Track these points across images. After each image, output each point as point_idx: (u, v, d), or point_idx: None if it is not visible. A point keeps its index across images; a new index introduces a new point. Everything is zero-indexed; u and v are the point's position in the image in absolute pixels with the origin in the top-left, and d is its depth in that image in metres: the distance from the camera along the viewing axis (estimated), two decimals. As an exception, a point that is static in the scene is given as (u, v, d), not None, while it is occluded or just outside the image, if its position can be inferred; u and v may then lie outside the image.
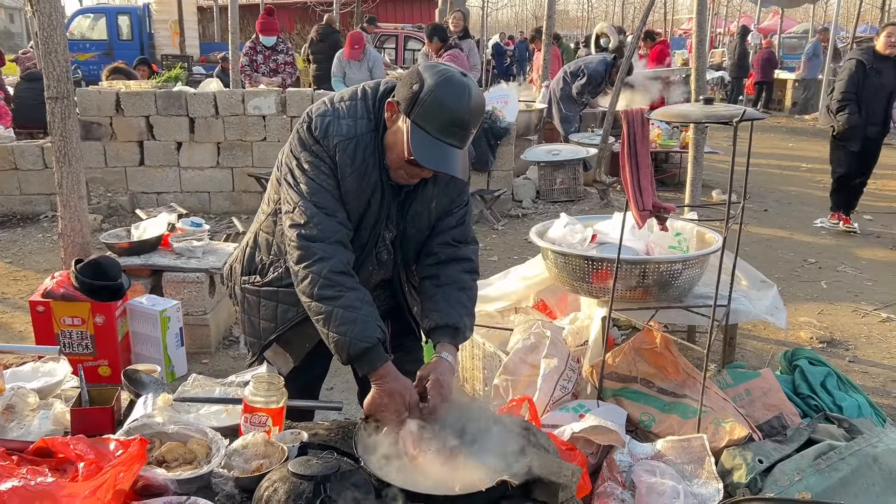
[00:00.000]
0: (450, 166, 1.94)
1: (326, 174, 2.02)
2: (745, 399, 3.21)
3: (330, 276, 1.96)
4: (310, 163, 2.02)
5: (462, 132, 1.92)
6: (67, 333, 3.92)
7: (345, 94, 2.11)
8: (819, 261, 6.42)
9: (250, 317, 2.34)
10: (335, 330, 1.95)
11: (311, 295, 1.98)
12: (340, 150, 2.01)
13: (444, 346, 2.08)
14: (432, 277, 2.20)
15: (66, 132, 4.22)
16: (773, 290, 3.52)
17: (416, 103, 1.90)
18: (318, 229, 1.99)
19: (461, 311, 2.13)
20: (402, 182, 2.09)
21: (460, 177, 2.00)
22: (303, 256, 1.99)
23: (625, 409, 3.15)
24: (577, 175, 7.97)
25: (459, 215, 2.24)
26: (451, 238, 2.22)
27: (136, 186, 7.51)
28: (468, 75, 1.98)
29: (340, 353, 1.97)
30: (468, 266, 2.22)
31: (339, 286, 1.97)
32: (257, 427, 1.93)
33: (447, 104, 1.89)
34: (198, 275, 4.32)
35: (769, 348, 4.54)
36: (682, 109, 2.78)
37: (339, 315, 1.95)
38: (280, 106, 7.38)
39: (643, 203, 2.88)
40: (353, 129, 2.02)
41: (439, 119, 1.89)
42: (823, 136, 14.22)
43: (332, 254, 1.99)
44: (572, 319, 3.65)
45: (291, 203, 2.03)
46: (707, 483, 2.76)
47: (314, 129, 2.02)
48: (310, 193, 2.01)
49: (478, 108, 1.94)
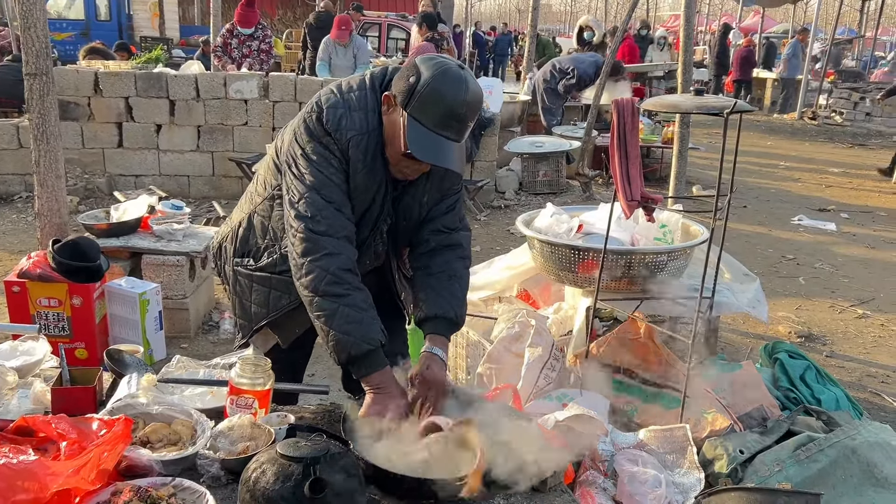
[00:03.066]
0: (447, 159, 1.91)
1: (335, 167, 1.97)
2: (726, 390, 3.23)
3: (338, 272, 1.92)
4: (318, 154, 1.97)
5: (459, 125, 1.89)
6: (44, 315, 3.84)
7: (353, 84, 2.06)
8: (797, 257, 6.50)
9: (241, 299, 2.30)
10: (339, 328, 1.91)
11: (315, 290, 1.93)
12: (354, 146, 1.97)
13: (434, 339, 2.05)
14: (423, 268, 2.17)
15: (44, 110, 4.13)
16: (756, 284, 3.55)
17: (413, 96, 1.87)
18: (327, 223, 1.94)
19: (452, 301, 2.11)
20: (401, 177, 2.05)
21: (457, 170, 1.97)
22: (310, 250, 1.94)
23: (607, 399, 3.16)
24: (560, 167, 7.98)
25: (450, 202, 2.21)
26: (441, 225, 2.19)
27: (113, 168, 7.38)
28: (465, 67, 1.95)
29: (340, 353, 1.93)
30: (460, 252, 2.19)
31: (346, 284, 1.93)
32: (243, 409, 1.90)
33: (444, 97, 1.86)
34: (178, 258, 4.26)
35: (748, 341, 4.59)
36: (672, 100, 2.79)
37: (344, 314, 1.91)
38: (262, 90, 7.29)
39: (631, 193, 2.88)
40: (365, 123, 1.98)
41: (436, 112, 1.86)
42: (802, 135, 14.46)
43: (340, 249, 1.95)
44: (556, 309, 3.66)
45: (297, 194, 1.98)
46: (689, 472, 2.78)
47: (325, 120, 1.97)
48: (318, 185, 1.96)
49: (475, 101, 1.91)
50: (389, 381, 1.94)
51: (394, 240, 2.23)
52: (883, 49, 29.61)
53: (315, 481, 1.50)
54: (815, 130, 15.21)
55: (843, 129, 15.36)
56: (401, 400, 1.92)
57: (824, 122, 15.98)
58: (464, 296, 2.16)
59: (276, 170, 2.13)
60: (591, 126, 7.61)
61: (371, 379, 1.94)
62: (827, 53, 18.49)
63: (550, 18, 53.24)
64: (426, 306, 2.09)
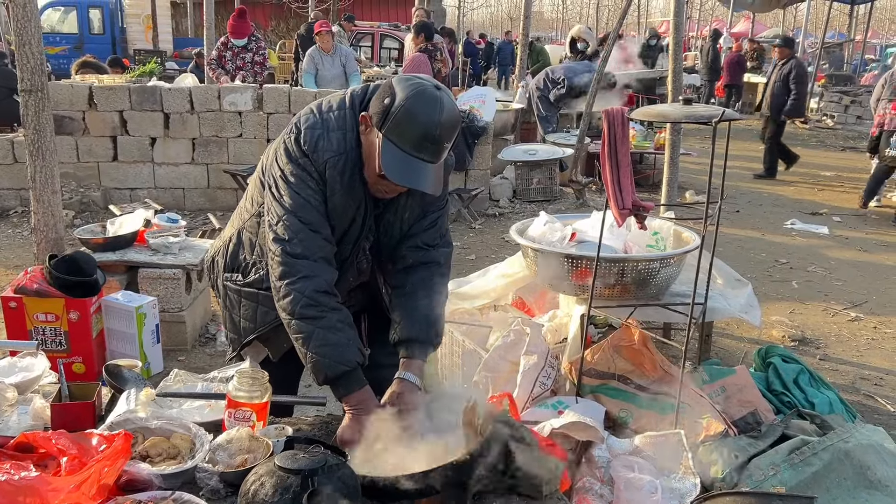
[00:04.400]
0: (421, 181, 1.90)
1: (313, 189, 1.98)
2: (720, 395, 3.26)
3: (313, 295, 1.94)
4: (296, 176, 1.98)
5: (433, 147, 1.89)
6: (41, 330, 3.85)
7: (333, 103, 2.06)
8: (790, 261, 6.54)
9: (231, 313, 2.32)
10: (315, 351, 1.94)
11: (291, 313, 1.96)
12: (331, 167, 1.97)
13: (408, 363, 2.06)
14: (399, 286, 2.17)
15: (39, 125, 4.16)
16: (748, 289, 3.58)
17: (388, 117, 1.87)
18: (303, 246, 1.96)
19: (424, 322, 2.10)
20: (381, 196, 2.06)
21: (431, 192, 1.96)
22: (286, 273, 1.96)
23: (603, 406, 3.18)
24: (554, 175, 8.02)
25: (432, 218, 2.20)
26: (421, 241, 2.18)
27: (109, 182, 7.40)
28: (442, 88, 1.94)
29: (318, 374, 1.96)
30: (437, 270, 2.18)
31: (321, 306, 1.95)
32: (241, 422, 1.92)
33: (418, 118, 1.85)
34: (174, 271, 4.28)
35: (742, 346, 4.62)
36: (661, 109, 2.82)
37: (319, 336, 1.94)
38: (256, 102, 7.32)
39: (623, 201, 2.91)
40: (342, 143, 1.98)
41: (410, 133, 1.86)
42: (793, 140, 14.49)
43: (317, 272, 1.96)
44: (551, 317, 3.68)
45: (275, 216, 1.99)
46: (684, 478, 2.80)
47: (303, 142, 1.98)
48: (294, 208, 1.97)
49: (450, 123, 1.90)
50: (367, 401, 1.96)
51: (378, 256, 2.24)
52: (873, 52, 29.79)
53: (313, 493, 1.53)
54: (807, 134, 15.27)
55: (835, 133, 15.44)
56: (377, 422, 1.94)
57: (815, 125, 16.06)
58: (438, 314, 2.15)
59: (262, 186, 2.15)
60: (583, 133, 7.66)
61: (349, 399, 1.96)
62: (817, 58, 18.61)
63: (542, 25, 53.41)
64: (400, 328, 2.10)
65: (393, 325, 2.13)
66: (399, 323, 2.11)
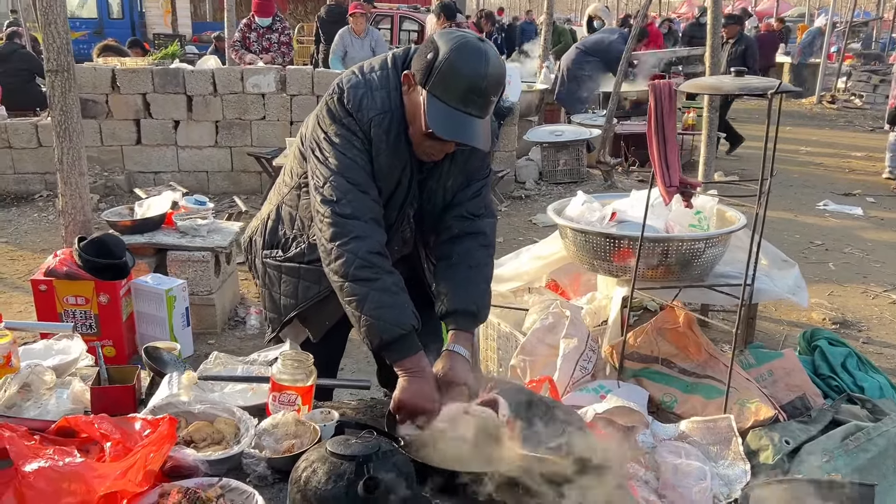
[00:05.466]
0: (470, 136, 1.85)
1: (359, 149, 1.92)
2: (767, 379, 3.15)
3: (367, 256, 1.87)
4: (341, 136, 1.92)
5: (481, 100, 1.83)
6: (71, 313, 3.82)
7: (374, 64, 2.01)
8: (825, 243, 6.39)
9: (271, 292, 2.26)
10: (370, 313, 1.86)
11: (345, 275, 1.88)
12: (376, 125, 1.92)
13: (457, 335, 1.99)
14: (445, 257, 2.11)
15: (66, 106, 4.10)
16: (795, 270, 3.46)
17: (432, 73, 1.82)
18: (353, 206, 1.89)
19: (473, 292, 2.04)
20: (426, 159, 2.00)
21: (482, 147, 1.91)
22: (337, 234, 1.89)
23: (646, 390, 3.09)
24: (581, 156, 7.89)
25: (476, 187, 2.14)
26: (466, 210, 2.12)
27: (132, 166, 7.37)
28: (486, 41, 1.89)
29: (372, 338, 1.88)
30: (482, 240, 2.12)
31: (376, 268, 1.88)
32: (286, 406, 1.86)
33: (463, 71, 1.80)
34: (203, 254, 4.23)
35: (781, 329, 4.50)
36: (713, 82, 2.71)
37: (375, 298, 1.86)
38: (280, 84, 7.24)
39: (670, 178, 2.80)
40: (387, 102, 1.93)
41: (456, 87, 1.81)
42: (820, 121, 14.26)
43: (369, 233, 1.90)
44: (590, 299, 3.59)
45: (321, 178, 1.93)
46: (734, 464, 2.71)
47: (346, 101, 1.92)
48: (341, 168, 1.91)
49: (497, 75, 1.85)
50: (423, 366, 1.89)
51: (420, 226, 2.17)
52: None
53: (369, 480, 1.45)
54: (835, 115, 15.00)
55: (863, 113, 15.13)
56: (434, 384, 1.87)
57: (843, 105, 15.76)
58: (486, 286, 2.10)
59: (302, 157, 2.08)
60: (611, 113, 7.52)
61: (404, 363, 1.88)
62: (844, 35, 18.22)
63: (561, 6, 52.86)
64: (447, 300, 2.03)
65: (439, 297, 2.06)
66: (446, 294, 2.03)
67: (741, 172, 9.05)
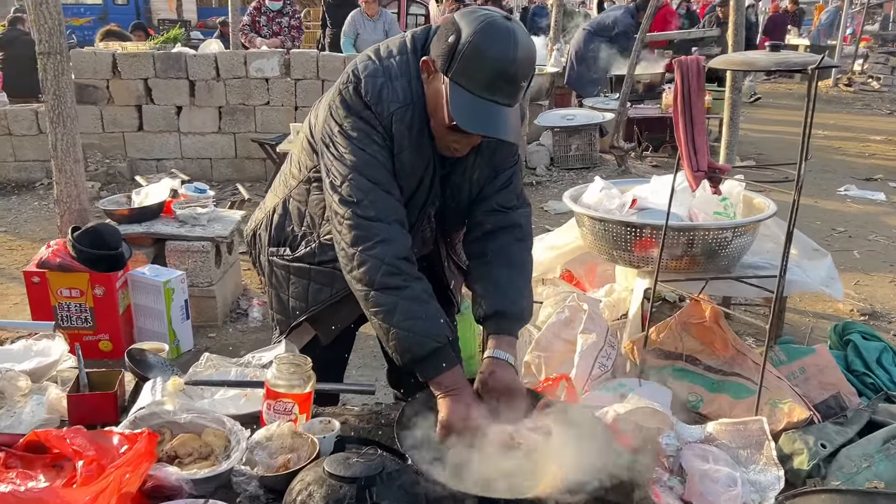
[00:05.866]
0: (498, 128, 1.66)
1: (379, 145, 1.74)
2: (799, 377, 2.96)
3: (394, 262, 1.69)
4: (359, 130, 1.74)
5: (509, 87, 1.64)
6: (65, 306, 3.67)
7: (392, 48, 1.81)
8: (848, 229, 6.18)
9: (278, 292, 2.07)
10: (400, 325, 1.68)
11: (370, 283, 1.70)
12: (397, 120, 1.73)
13: (499, 340, 1.81)
14: (479, 255, 1.93)
15: (59, 90, 3.94)
16: (827, 259, 3.26)
17: (454, 58, 1.63)
18: (376, 208, 1.71)
19: (513, 293, 1.86)
20: (449, 154, 1.81)
21: (512, 140, 1.72)
22: (360, 238, 1.71)
23: (669, 389, 2.92)
24: (594, 141, 7.68)
25: (506, 177, 1.96)
26: (496, 203, 1.94)
27: (134, 153, 7.21)
28: (513, 19, 1.69)
29: (403, 353, 1.70)
30: (518, 233, 1.94)
31: (404, 274, 1.70)
32: (282, 415, 1.69)
33: (489, 55, 1.60)
34: (203, 244, 4.06)
35: (807, 321, 4.30)
36: (746, 58, 2.50)
37: (404, 308, 1.68)
38: (284, 68, 7.05)
39: (698, 163, 2.61)
40: (408, 92, 1.73)
41: (482, 74, 1.61)
42: (837, 103, 13.95)
43: (395, 236, 1.72)
44: (608, 291, 3.40)
45: (339, 176, 1.75)
46: (766, 469, 2.52)
47: (364, 92, 1.73)
48: (360, 166, 1.73)
49: (527, 57, 1.65)
50: (463, 383, 1.71)
51: (442, 224, 1.99)
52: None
53: (371, 507, 1.28)
54: (851, 97, 14.68)
55: (881, 96, 14.81)
56: (480, 403, 1.69)
57: (860, 88, 15.43)
58: (527, 284, 1.92)
59: (311, 150, 1.89)
60: (625, 97, 7.29)
61: (442, 380, 1.69)
62: (861, 17, 17.85)
63: (571, -9, 52.21)
64: (485, 302, 1.85)
65: (475, 300, 1.89)
66: (483, 297, 1.86)
67: (758, 157, 8.81)
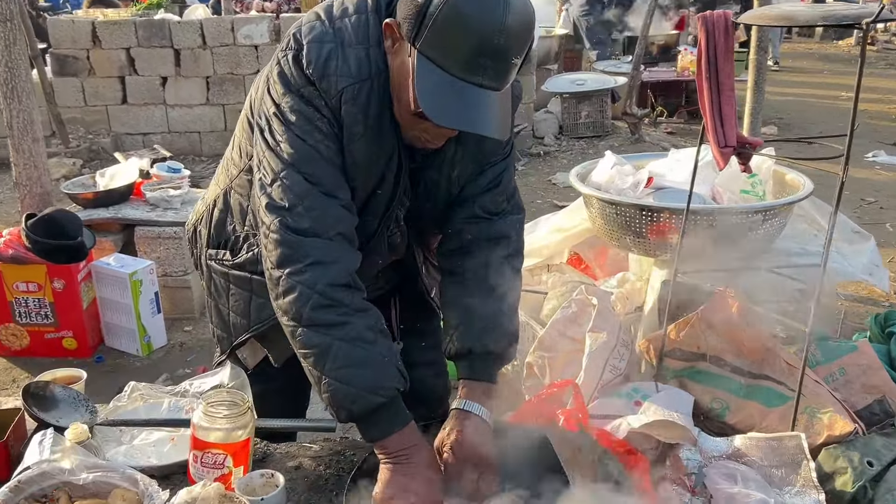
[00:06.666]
0: (478, 120, 1.26)
1: (323, 133, 1.36)
2: (838, 379, 2.60)
3: (327, 291, 1.33)
4: (298, 113, 1.36)
5: (497, 64, 1.24)
6: (22, 301, 3.36)
7: (348, 4, 1.40)
8: (878, 199, 5.77)
9: (217, 304, 1.71)
10: (333, 374, 1.32)
11: (297, 318, 1.35)
12: (349, 100, 1.35)
13: (471, 388, 1.46)
14: (454, 273, 1.56)
15: (11, 62, 3.58)
16: (870, 243, 2.89)
17: (424, 23, 1.23)
18: (312, 217, 1.34)
19: (494, 328, 1.50)
20: (419, 145, 1.43)
21: (495, 135, 1.31)
22: (287, 258, 1.35)
23: (690, 394, 2.57)
24: (605, 107, 7.26)
25: (493, 174, 1.56)
26: (479, 208, 1.55)
27: (119, 127, 6.86)
28: None
29: (339, 409, 1.35)
30: (505, 248, 1.56)
31: (341, 307, 1.34)
32: (212, 469, 1.35)
33: (469, 22, 1.21)
34: (175, 229, 3.72)
35: (838, 305, 3.92)
36: (784, 11, 2.10)
37: (341, 353, 1.32)
38: (273, 34, 6.66)
39: (726, 137, 2.22)
40: (365, 64, 1.35)
41: (459, 46, 1.23)
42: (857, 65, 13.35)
43: (334, 256, 1.35)
44: (620, 281, 3.04)
45: (270, 173, 1.38)
46: (804, 492, 2.16)
47: (307, 62, 1.34)
48: (297, 160, 1.35)
49: (521, 25, 1.24)
50: (414, 447, 1.35)
51: (416, 227, 1.62)
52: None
53: None
54: (875, 57, 14.09)
55: (905, 55, 14.22)
56: (433, 475, 1.33)
57: (884, 47, 14.84)
58: (512, 316, 1.55)
59: (252, 130, 1.51)
60: (638, 59, 6.85)
61: (387, 444, 1.35)
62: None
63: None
64: (458, 336, 1.49)
65: (446, 331, 1.53)
66: (456, 328, 1.50)
67: (779, 122, 8.36)
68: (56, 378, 1.63)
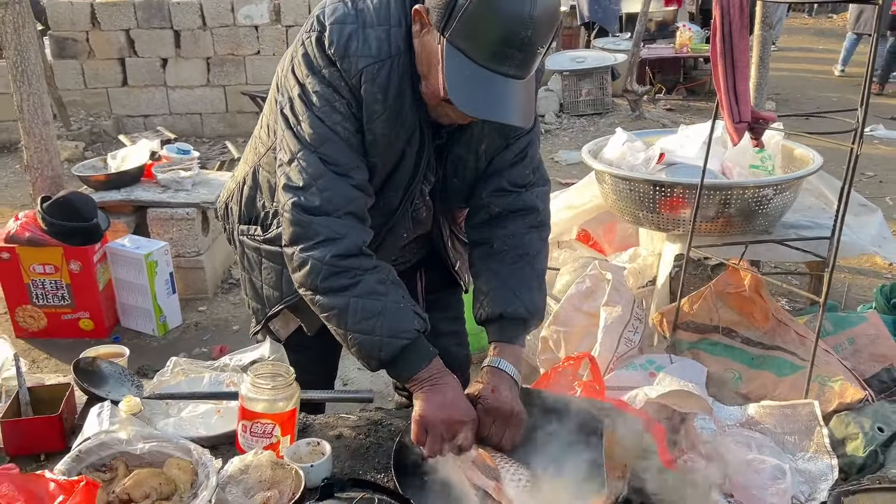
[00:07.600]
0: (504, 108, 1.31)
1: (342, 113, 1.40)
2: (847, 349, 2.67)
3: (334, 262, 1.40)
4: (319, 95, 1.40)
5: (522, 55, 1.28)
6: (39, 283, 3.39)
7: None
8: (877, 174, 5.82)
9: (251, 277, 1.76)
10: (356, 328, 1.40)
11: (313, 288, 1.42)
12: (368, 80, 1.39)
13: (501, 348, 1.51)
14: (483, 243, 1.62)
15: (21, 45, 3.57)
16: (878, 216, 2.94)
17: (453, 14, 1.27)
18: (323, 197, 1.40)
19: (523, 290, 1.55)
20: (446, 122, 1.47)
21: (519, 123, 1.36)
22: (299, 236, 1.42)
23: (704, 365, 2.63)
24: (605, 85, 7.27)
25: (518, 148, 1.61)
26: (507, 181, 1.60)
27: (120, 109, 6.84)
28: None
29: (369, 358, 1.42)
30: (532, 219, 1.61)
31: (349, 272, 1.40)
32: (260, 438, 1.40)
33: (498, 13, 1.25)
34: (187, 210, 3.74)
35: (842, 277, 3.99)
36: (799, -13, 2.13)
37: (359, 307, 1.39)
38: (274, 14, 6.63)
39: (740, 112, 2.26)
40: (385, 44, 1.39)
41: (487, 36, 1.27)
42: (842, 37, 13.33)
43: (342, 232, 1.41)
44: (632, 256, 3.09)
45: (288, 152, 1.43)
46: (816, 457, 2.24)
47: (329, 43, 1.38)
48: (316, 141, 1.40)
49: (546, 17, 1.28)
50: (444, 372, 1.43)
51: (445, 201, 1.66)
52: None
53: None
54: (870, 31, 14.05)
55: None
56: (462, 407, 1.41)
57: (880, 21, 14.77)
58: (540, 280, 1.60)
59: (279, 111, 1.55)
60: (639, 36, 6.85)
61: (418, 377, 1.42)
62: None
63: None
64: (488, 302, 1.54)
65: (477, 297, 1.58)
66: (487, 294, 1.55)
67: (776, 97, 8.39)
68: (100, 354, 1.68)
